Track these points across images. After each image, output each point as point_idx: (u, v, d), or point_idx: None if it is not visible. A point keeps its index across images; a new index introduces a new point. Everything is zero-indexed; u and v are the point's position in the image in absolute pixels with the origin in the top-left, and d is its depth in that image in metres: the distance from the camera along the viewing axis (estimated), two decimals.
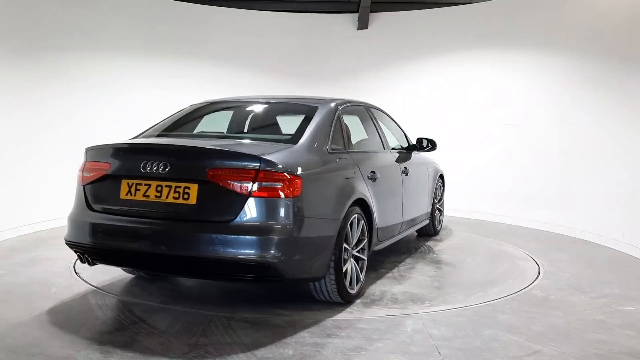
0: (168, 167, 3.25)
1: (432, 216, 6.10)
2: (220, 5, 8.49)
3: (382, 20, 8.69)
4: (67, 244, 3.62)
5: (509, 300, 3.96)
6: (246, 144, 3.82)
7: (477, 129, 7.88)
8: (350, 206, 3.73)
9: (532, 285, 4.35)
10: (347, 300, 3.74)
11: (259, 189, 3.15)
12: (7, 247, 5.40)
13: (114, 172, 3.45)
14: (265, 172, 3.17)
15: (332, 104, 4.20)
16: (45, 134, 6.54)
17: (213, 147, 3.40)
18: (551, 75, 7.09)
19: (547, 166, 7.07)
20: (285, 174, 3.21)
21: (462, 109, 8.04)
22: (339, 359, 2.87)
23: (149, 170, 3.28)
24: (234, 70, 8.43)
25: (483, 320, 3.50)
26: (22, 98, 6.23)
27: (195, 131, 4.36)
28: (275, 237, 3.15)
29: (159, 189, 3.27)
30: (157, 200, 3.26)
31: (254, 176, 3.15)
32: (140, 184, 3.31)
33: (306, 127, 3.81)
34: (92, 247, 3.47)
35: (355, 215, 3.81)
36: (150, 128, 4.29)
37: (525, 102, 7.41)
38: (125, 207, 3.37)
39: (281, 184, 3.17)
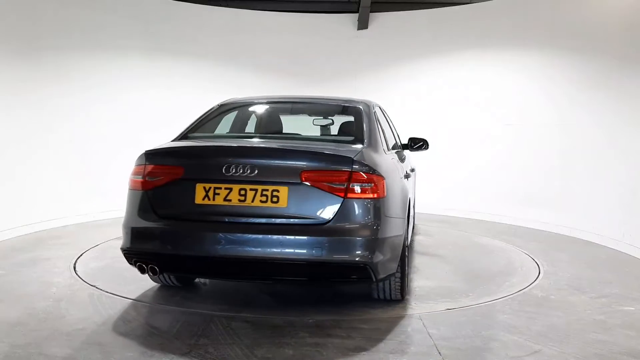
0: (256, 170, 3.13)
1: None
2: (220, 5, 8.49)
3: (382, 20, 8.69)
4: (126, 253, 3.35)
5: (509, 300, 3.96)
6: (326, 146, 3.64)
7: (477, 129, 7.88)
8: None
9: (532, 285, 4.35)
10: (403, 297, 3.78)
11: (354, 190, 3.14)
12: (7, 247, 5.40)
13: (187, 176, 3.23)
14: (358, 174, 3.16)
15: (369, 104, 4.17)
16: (45, 134, 6.54)
17: (307, 148, 3.35)
18: (551, 75, 7.08)
19: (547, 166, 7.07)
20: (375, 175, 3.23)
21: (462, 109, 8.04)
22: (339, 359, 2.87)
23: (233, 173, 3.13)
24: (234, 70, 8.44)
25: (483, 320, 3.50)
26: (22, 98, 6.23)
27: (247, 132, 4.33)
28: (370, 238, 3.15)
29: (242, 192, 3.13)
30: (241, 204, 3.13)
31: (348, 178, 3.14)
32: (220, 188, 3.15)
33: (362, 128, 3.78)
34: (162, 255, 3.24)
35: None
36: (191, 130, 4.02)
37: (525, 102, 7.41)
38: (202, 213, 3.19)
39: (372, 184, 3.18)
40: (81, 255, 5.10)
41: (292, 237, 3.10)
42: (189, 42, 8.17)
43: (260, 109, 4.59)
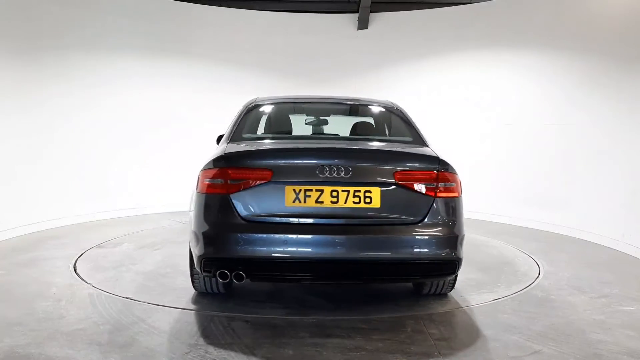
0: (351, 172, 3.14)
1: None
2: (220, 5, 8.49)
3: (382, 20, 8.69)
4: (206, 261, 3.18)
5: (509, 300, 3.96)
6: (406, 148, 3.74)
7: (477, 129, 7.88)
8: None
9: (532, 285, 4.34)
10: (451, 289, 3.94)
11: (442, 189, 3.28)
12: (7, 247, 5.40)
13: (276, 179, 3.15)
14: (444, 174, 3.30)
15: (397, 104, 4.35)
16: (45, 133, 6.54)
17: (398, 150, 3.49)
18: (551, 75, 7.08)
19: (547, 166, 7.06)
20: (455, 175, 3.38)
21: (462, 109, 8.04)
22: (339, 359, 2.87)
23: (327, 175, 3.13)
24: (234, 70, 8.43)
25: (483, 320, 3.50)
26: (22, 98, 6.23)
27: (295, 133, 4.22)
28: (456, 235, 3.30)
29: (334, 194, 3.13)
30: (334, 205, 3.12)
31: (436, 177, 3.28)
32: (311, 190, 3.12)
33: (415, 128, 3.94)
34: (251, 261, 3.12)
35: None
36: (236, 131, 3.85)
37: (525, 102, 7.40)
38: (292, 215, 3.14)
39: (454, 184, 3.35)
40: (81, 255, 5.10)
41: (385, 237, 3.16)
42: (189, 42, 8.17)
43: (296, 110, 4.60)
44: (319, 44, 8.78)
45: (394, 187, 3.20)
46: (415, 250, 3.18)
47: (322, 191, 3.12)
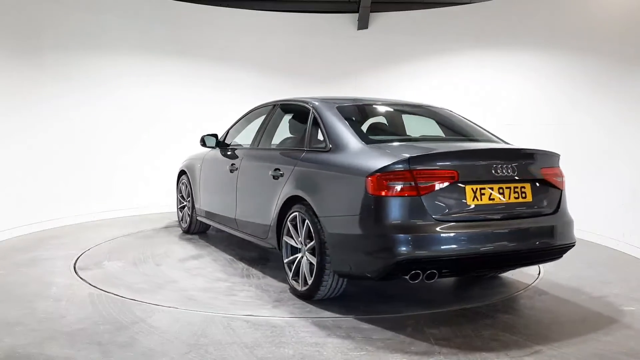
0: (515, 170, 3.49)
1: None
2: (220, 5, 8.49)
3: (382, 20, 8.69)
4: (405, 262, 3.21)
5: (509, 300, 3.96)
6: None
7: None
8: None
9: (532, 285, 4.35)
10: None
11: (563, 182, 3.82)
12: (7, 247, 5.41)
13: (460, 179, 3.33)
14: (560, 169, 3.84)
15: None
16: (45, 133, 6.54)
17: (541, 149, 3.80)
18: (551, 75, 7.08)
19: None
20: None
21: (462, 109, 8.02)
22: (339, 359, 2.87)
23: (497, 173, 3.42)
24: (234, 69, 8.43)
25: (483, 320, 3.50)
26: (22, 98, 6.24)
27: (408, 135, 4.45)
28: (573, 221, 3.80)
29: (500, 191, 3.44)
30: (501, 201, 3.45)
31: (560, 172, 3.82)
32: (484, 188, 3.39)
33: (484, 128, 4.38)
34: (445, 259, 3.27)
35: None
36: (358, 135, 3.87)
37: (525, 102, 7.40)
38: (473, 213, 3.37)
39: (564, 177, 3.86)
40: (81, 255, 5.10)
41: (537, 227, 3.55)
42: (189, 42, 8.17)
43: (386, 111, 4.72)
44: (319, 44, 8.78)
45: (539, 182, 3.62)
46: (558, 237, 3.61)
47: (492, 189, 3.43)
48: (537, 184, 3.61)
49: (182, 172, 6.36)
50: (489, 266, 3.70)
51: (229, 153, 5.23)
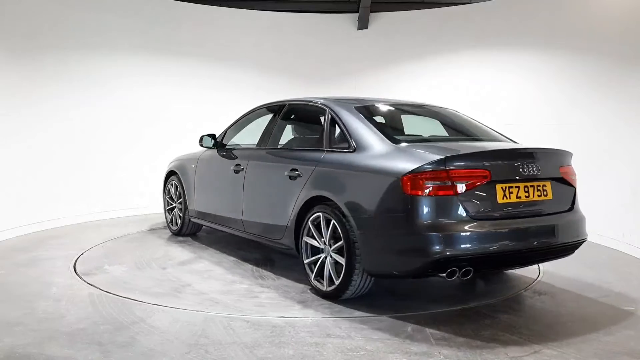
0: (540, 169, 3.61)
1: None
2: (220, 5, 8.49)
3: (382, 20, 8.69)
4: (445, 260, 3.26)
5: (509, 300, 3.96)
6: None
7: None
8: None
9: (533, 285, 4.34)
10: None
11: (575, 180, 3.92)
12: (7, 247, 5.41)
13: (493, 178, 3.44)
14: (570, 166, 3.94)
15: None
16: (45, 133, 6.55)
17: (559, 148, 3.92)
18: (551, 75, 7.08)
19: None
20: None
21: (462, 109, 8.02)
22: (339, 359, 2.87)
23: (523, 172, 3.54)
24: (234, 69, 8.43)
25: (483, 320, 3.50)
26: (21, 98, 6.24)
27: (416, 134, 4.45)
28: (585, 218, 3.93)
29: (526, 189, 3.56)
30: (527, 199, 3.57)
31: (573, 170, 3.94)
32: (512, 187, 3.51)
33: (492, 128, 4.48)
34: (481, 256, 3.35)
35: None
36: (384, 135, 3.87)
37: (525, 102, 7.40)
38: (504, 211, 3.48)
39: (575, 175, 3.98)
40: (81, 255, 5.10)
41: (556, 224, 3.65)
42: (189, 41, 8.17)
43: (404, 112, 4.77)
44: (319, 44, 8.78)
45: (557, 180, 3.75)
46: (575, 233, 3.75)
47: (519, 187, 3.54)
48: (556, 182, 3.74)
49: (170, 173, 6.19)
50: (518, 262, 3.82)
51: (230, 153, 5.20)
